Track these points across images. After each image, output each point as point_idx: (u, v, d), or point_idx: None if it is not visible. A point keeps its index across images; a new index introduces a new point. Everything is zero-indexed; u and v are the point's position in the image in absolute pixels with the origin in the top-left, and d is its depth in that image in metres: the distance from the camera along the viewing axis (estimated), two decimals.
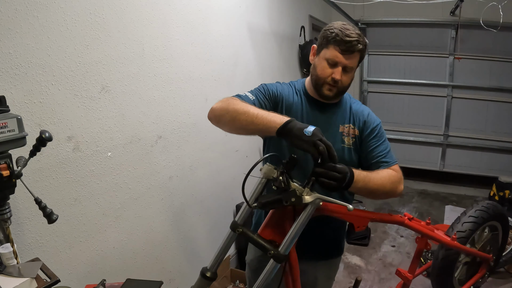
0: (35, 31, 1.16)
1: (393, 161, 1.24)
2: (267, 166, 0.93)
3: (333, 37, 1.13)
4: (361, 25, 4.32)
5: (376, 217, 1.15)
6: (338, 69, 1.15)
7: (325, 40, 1.17)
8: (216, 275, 0.97)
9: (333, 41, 1.14)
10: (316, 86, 1.21)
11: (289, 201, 0.89)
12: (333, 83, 1.17)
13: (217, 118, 1.10)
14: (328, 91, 1.19)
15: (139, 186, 1.67)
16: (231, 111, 1.06)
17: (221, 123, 1.11)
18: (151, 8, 1.64)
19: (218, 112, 1.10)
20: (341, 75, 1.15)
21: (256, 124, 1.01)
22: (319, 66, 1.19)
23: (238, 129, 1.08)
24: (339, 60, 1.14)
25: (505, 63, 4.02)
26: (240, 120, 1.03)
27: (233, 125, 1.07)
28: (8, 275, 0.93)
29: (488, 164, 4.37)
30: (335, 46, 1.14)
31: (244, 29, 2.50)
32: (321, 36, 1.20)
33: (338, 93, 1.22)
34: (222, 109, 1.08)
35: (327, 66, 1.16)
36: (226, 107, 1.08)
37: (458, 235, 1.65)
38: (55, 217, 0.98)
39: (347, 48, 1.12)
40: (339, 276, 2.71)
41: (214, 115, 1.11)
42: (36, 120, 1.20)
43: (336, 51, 1.14)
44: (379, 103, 4.81)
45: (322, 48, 1.19)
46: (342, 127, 1.25)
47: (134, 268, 1.68)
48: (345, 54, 1.13)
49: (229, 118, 1.06)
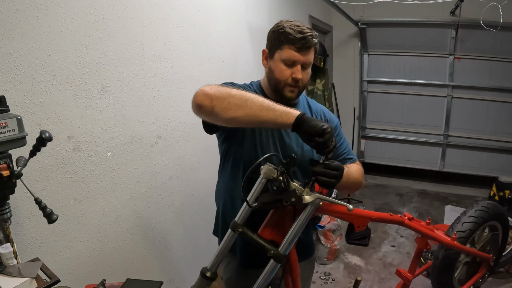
0: (35, 31, 1.16)
1: (355, 157, 1.29)
2: (267, 166, 0.93)
3: (285, 36, 1.09)
4: (361, 25, 4.32)
5: (376, 217, 1.15)
6: (297, 68, 1.11)
7: (277, 41, 1.12)
8: (216, 275, 0.97)
9: (286, 40, 1.09)
10: (277, 90, 1.17)
11: (289, 201, 0.89)
12: (294, 83, 1.13)
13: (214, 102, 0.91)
14: (290, 92, 1.16)
15: (139, 186, 1.67)
16: (238, 94, 0.91)
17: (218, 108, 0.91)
18: (151, 8, 1.64)
19: (217, 93, 0.92)
20: (300, 73, 1.12)
21: (274, 111, 0.89)
22: (277, 69, 1.14)
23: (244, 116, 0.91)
24: (297, 59, 1.10)
25: (505, 63, 4.02)
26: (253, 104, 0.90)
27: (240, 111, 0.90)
28: (8, 275, 0.93)
29: (488, 164, 4.37)
30: (289, 45, 1.09)
31: (244, 29, 2.50)
32: (271, 38, 1.15)
33: (299, 93, 1.19)
34: (223, 92, 0.92)
35: (285, 68, 1.12)
36: (228, 90, 0.93)
37: (458, 235, 1.65)
38: (55, 217, 0.98)
39: (302, 45, 1.09)
40: (339, 276, 2.71)
41: (209, 98, 0.92)
42: (36, 120, 1.20)
43: (292, 50, 1.09)
44: (379, 103, 4.82)
45: (275, 50, 1.14)
46: None
47: (134, 268, 1.68)
48: (301, 52, 1.10)
49: (235, 102, 0.90)
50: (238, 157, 1.22)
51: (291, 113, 0.90)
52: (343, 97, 4.84)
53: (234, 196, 1.26)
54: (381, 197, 4.31)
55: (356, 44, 4.69)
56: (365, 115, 4.92)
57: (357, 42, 4.67)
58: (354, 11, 4.21)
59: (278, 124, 0.92)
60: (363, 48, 4.63)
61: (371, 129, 4.93)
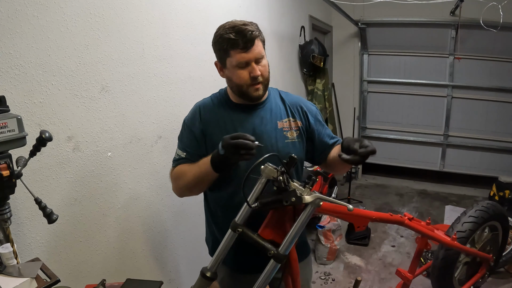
0: (35, 31, 1.16)
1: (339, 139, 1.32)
2: (267, 166, 0.93)
3: (227, 42, 1.09)
4: (361, 25, 4.32)
5: (376, 217, 1.15)
6: (252, 66, 1.11)
7: (222, 50, 1.13)
8: (216, 275, 0.97)
9: (229, 46, 1.09)
10: (242, 94, 1.17)
11: (289, 201, 0.89)
12: (255, 82, 1.13)
13: (183, 195, 1.27)
14: (255, 91, 1.15)
15: (139, 186, 1.67)
16: (184, 186, 1.20)
17: (188, 195, 1.26)
18: (151, 8, 1.64)
19: (178, 192, 1.26)
20: (257, 70, 1.11)
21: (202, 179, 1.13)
22: (234, 75, 1.13)
23: (201, 190, 1.24)
24: (247, 59, 1.10)
25: (505, 63, 4.02)
26: (195, 185, 1.17)
27: (194, 191, 1.23)
28: (8, 275, 0.93)
29: (488, 164, 4.37)
30: (234, 49, 1.09)
31: None
32: (216, 49, 1.16)
33: (265, 88, 1.19)
34: (178, 188, 1.23)
35: (241, 71, 1.12)
36: (179, 186, 1.22)
37: (458, 235, 1.65)
38: (55, 217, 0.98)
39: (245, 44, 1.08)
40: (339, 276, 2.71)
41: (179, 195, 1.28)
42: (36, 120, 1.20)
43: (239, 53, 1.09)
44: (379, 103, 4.82)
45: (225, 59, 1.14)
46: (280, 123, 1.22)
47: (134, 268, 1.68)
48: (248, 50, 1.09)
49: (188, 190, 1.22)
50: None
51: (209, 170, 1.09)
52: (343, 97, 4.84)
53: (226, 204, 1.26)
54: (381, 197, 4.31)
55: (356, 44, 4.69)
56: (365, 115, 4.92)
57: (357, 42, 4.67)
58: (354, 11, 4.21)
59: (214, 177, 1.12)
60: (363, 48, 4.63)
61: (371, 129, 4.93)
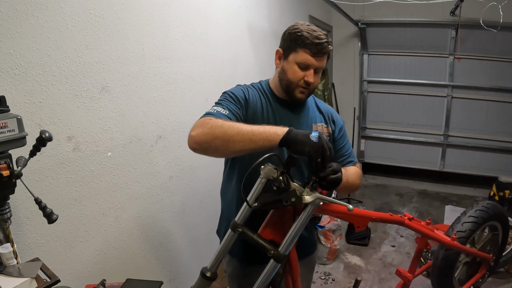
0: (35, 31, 1.16)
1: (356, 160, 1.31)
2: (267, 166, 0.93)
3: (302, 40, 1.11)
4: (361, 25, 4.32)
5: (376, 217, 1.15)
6: (310, 72, 1.14)
7: (293, 43, 1.14)
8: (216, 275, 0.97)
9: (302, 44, 1.11)
10: (288, 90, 1.19)
11: (289, 201, 0.89)
12: (305, 86, 1.16)
13: (204, 146, 0.98)
14: (300, 94, 1.18)
15: (139, 186, 1.67)
16: (220, 135, 0.95)
17: (210, 150, 0.99)
18: (151, 8, 1.64)
19: (202, 139, 0.97)
20: (313, 77, 1.15)
21: (256, 142, 0.93)
22: (290, 70, 1.16)
23: (232, 153, 0.99)
24: (311, 63, 1.13)
25: (505, 63, 4.02)
26: (235, 141, 0.94)
27: (227, 150, 0.96)
28: (8, 275, 0.93)
29: (488, 164, 4.36)
30: (305, 49, 1.11)
31: (244, 29, 2.50)
32: (287, 39, 1.16)
33: (309, 94, 1.22)
34: (207, 135, 0.96)
35: (298, 70, 1.14)
36: (211, 132, 0.96)
37: (458, 235, 1.65)
38: (55, 217, 0.98)
39: (318, 51, 1.11)
40: (339, 276, 2.71)
41: (198, 144, 0.98)
42: (36, 120, 1.20)
43: (307, 55, 1.12)
44: (379, 103, 4.82)
45: (290, 52, 1.15)
46: (315, 126, 1.25)
47: (134, 268, 1.68)
48: (316, 57, 1.12)
49: (220, 144, 0.95)
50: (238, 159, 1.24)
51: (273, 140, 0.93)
52: (343, 97, 4.84)
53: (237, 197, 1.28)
54: (381, 197, 4.31)
55: (356, 44, 4.69)
56: (365, 115, 4.91)
57: (357, 42, 4.67)
58: (354, 11, 4.21)
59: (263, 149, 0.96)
60: (363, 48, 4.63)
61: (371, 129, 4.93)
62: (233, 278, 1.40)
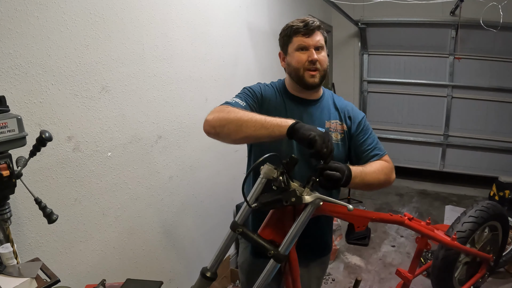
0: (35, 31, 1.16)
1: (382, 152, 1.26)
2: (267, 166, 0.93)
3: (290, 30, 1.21)
4: (361, 25, 4.32)
5: (376, 217, 1.15)
6: (311, 50, 1.19)
7: (286, 37, 1.23)
8: (216, 275, 0.97)
9: (293, 32, 1.20)
10: (299, 79, 1.22)
11: (289, 201, 0.89)
12: (312, 66, 1.19)
13: (218, 130, 1.05)
14: (311, 78, 1.20)
15: (139, 186, 1.67)
16: (235, 120, 1.01)
17: (222, 134, 1.05)
18: (151, 8, 1.64)
19: (217, 123, 1.04)
20: (315, 55, 1.18)
21: (267, 128, 0.98)
22: (293, 59, 1.21)
23: (244, 138, 1.03)
24: (307, 43, 1.19)
25: (505, 63, 4.02)
26: (247, 127, 0.99)
27: (239, 134, 1.01)
28: (8, 275, 0.93)
29: (488, 164, 4.36)
30: (296, 35, 1.20)
31: (244, 29, 2.50)
32: (281, 38, 1.26)
33: (321, 78, 1.23)
34: (222, 119, 1.03)
35: (300, 54, 1.20)
36: (226, 117, 1.03)
37: (458, 235, 1.65)
38: (55, 217, 0.98)
39: (306, 30, 1.18)
40: (339, 276, 2.71)
41: (213, 127, 1.05)
42: (36, 120, 1.20)
43: (300, 37, 1.19)
44: (379, 103, 4.81)
45: (287, 46, 1.24)
46: (328, 123, 1.26)
47: (134, 268, 1.68)
48: (308, 36, 1.19)
49: (233, 128, 1.01)
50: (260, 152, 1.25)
51: (283, 126, 0.97)
52: (343, 97, 4.82)
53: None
54: (381, 197, 4.31)
55: (356, 44, 4.69)
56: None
57: (357, 42, 4.67)
58: (354, 11, 4.20)
59: (274, 138, 0.99)
60: (363, 48, 4.63)
61: None
62: (243, 269, 1.43)
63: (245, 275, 1.43)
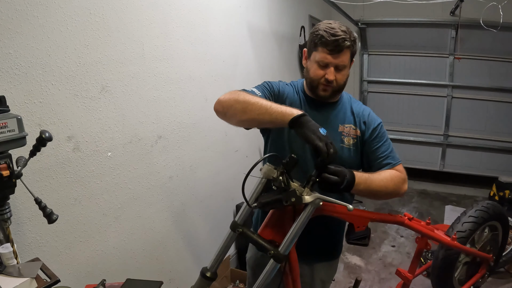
0: (35, 31, 1.16)
1: (396, 161, 1.22)
2: (267, 166, 0.93)
3: (319, 39, 1.14)
4: (361, 25, 4.32)
5: (376, 217, 1.15)
6: (330, 69, 1.16)
7: (313, 43, 1.18)
8: (216, 275, 0.97)
9: (320, 43, 1.15)
10: (312, 88, 1.23)
11: (289, 201, 0.89)
12: (327, 83, 1.18)
13: (226, 109, 1.07)
14: (323, 91, 1.21)
15: (139, 186, 1.67)
16: (242, 101, 1.04)
17: (229, 113, 1.08)
18: (151, 8, 1.64)
19: (226, 102, 1.07)
20: (334, 75, 1.16)
21: (270, 114, 0.99)
22: (311, 69, 1.20)
23: (248, 120, 1.05)
24: (328, 61, 1.15)
25: (505, 63, 4.02)
26: (252, 110, 1.02)
27: (244, 115, 1.04)
28: (8, 275, 0.93)
29: (488, 164, 4.36)
30: (322, 47, 1.15)
31: (244, 29, 2.50)
32: (309, 39, 1.22)
33: (334, 92, 1.22)
34: (231, 100, 1.06)
35: (319, 68, 1.18)
36: (236, 98, 1.06)
37: (458, 235, 1.65)
38: (55, 217, 0.98)
39: (334, 48, 1.13)
40: (339, 276, 2.71)
41: (222, 106, 1.08)
42: (36, 120, 1.20)
43: (325, 53, 1.15)
44: (379, 103, 4.81)
45: (311, 51, 1.20)
46: (341, 127, 1.25)
47: (134, 268, 1.68)
48: (333, 54, 1.14)
49: (240, 108, 1.04)
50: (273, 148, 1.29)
51: (286, 115, 0.98)
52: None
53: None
54: None
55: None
56: None
57: (357, 42, 4.67)
58: (354, 11, 4.20)
59: (275, 124, 1.01)
60: (363, 48, 4.63)
61: None
62: (250, 264, 1.44)
63: (251, 270, 1.44)
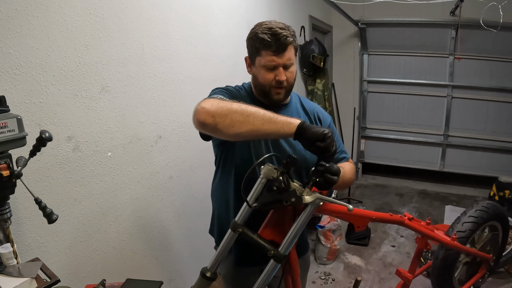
0: (35, 31, 1.16)
1: (348, 155, 1.32)
2: (267, 166, 0.93)
3: (260, 42, 1.09)
4: (361, 25, 4.32)
5: (376, 217, 1.15)
6: (279, 70, 1.11)
7: (254, 48, 1.13)
8: (216, 275, 0.97)
9: (262, 46, 1.09)
10: (264, 94, 1.18)
11: (289, 201, 0.89)
12: (278, 86, 1.14)
13: (217, 119, 0.92)
14: (276, 95, 1.16)
15: (139, 186, 1.67)
16: (239, 110, 0.91)
17: (222, 125, 0.92)
18: (151, 8, 1.64)
19: (218, 111, 0.92)
20: (284, 75, 1.12)
21: (276, 123, 0.90)
22: (259, 74, 1.14)
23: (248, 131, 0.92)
24: (276, 63, 1.10)
25: (505, 63, 4.02)
26: (255, 119, 0.90)
27: (244, 126, 0.91)
28: (8, 275, 0.93)
29: (488, 164, 4.36)
30: (266, 50, 1.09)
31: (244, 29, 2.50)
32: (249, 45, 1.16)
33: (287, 93, 1.19)
34: (224, 108, 0.92)
35: (267, 72, 1.12)
36: (228, 106, 0.92)
37: (458, 235, 1.65)
38: (55, 217, 0.98)
39: (278, 48, 1.08)
40: (339, 276, 2.71)
41: (211, 116, 0.92)
42: (36, 120, 1.20)
43: (269, 55, 1.09)
44: (379, 103, 4.82)
45: (255, 57, 1.14)
46: None
47: (134, 268, 1.68)
48: (279, 54, 1.09)
49: (239, 118, 0.91)
50: (231, 161, 1.24)
51: (292, 123, 0.91)
52: (343, 97, 4.84)
53: (228, 199, 1.29)
54: (381, 197, 4.31)
55: (356, 44, 4.69)
56: (365, 115, 4.92)
57: (357, 42, 4.67)
58: (354, 11, 4.21)
59: (280, 135, 0.93)
60: (363, 48, 4.63)
61: (371, 129, 4.93)
62: (227, 279, 1.41)
63: (231, 284, 1.39)
